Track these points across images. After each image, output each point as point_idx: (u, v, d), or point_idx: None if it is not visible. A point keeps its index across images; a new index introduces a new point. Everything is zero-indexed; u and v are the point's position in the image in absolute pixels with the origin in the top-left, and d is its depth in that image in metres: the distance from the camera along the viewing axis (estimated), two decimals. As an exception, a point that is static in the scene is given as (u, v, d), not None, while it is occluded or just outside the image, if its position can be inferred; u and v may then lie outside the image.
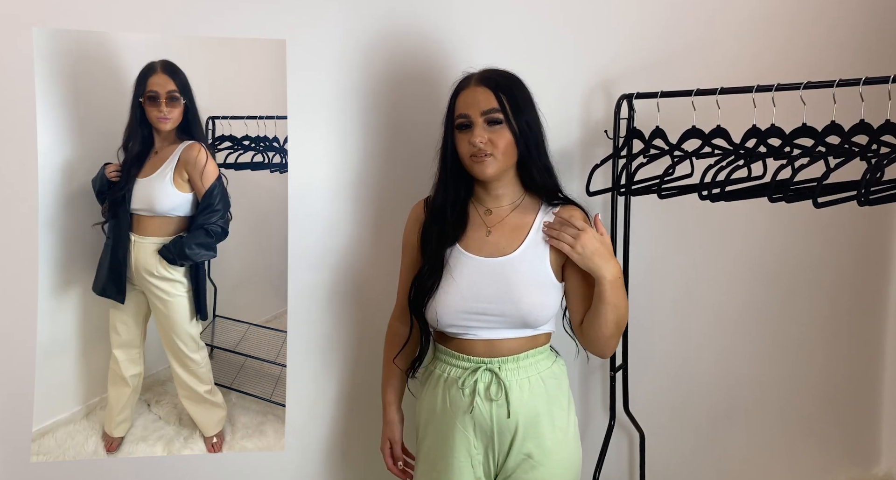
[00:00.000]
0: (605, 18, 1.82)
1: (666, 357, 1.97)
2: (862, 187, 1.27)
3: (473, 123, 1.38)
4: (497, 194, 1.47)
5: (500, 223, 1.45)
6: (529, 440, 1.42)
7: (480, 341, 1.43)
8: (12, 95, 1.62)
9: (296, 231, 1.78)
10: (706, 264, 1.94)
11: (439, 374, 1.47)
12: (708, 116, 1.57)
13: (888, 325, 2.00)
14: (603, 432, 1.90)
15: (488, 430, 1.42)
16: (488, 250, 1.43)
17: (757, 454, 2.02)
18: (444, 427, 1.45)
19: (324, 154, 1.78)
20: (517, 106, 1.39)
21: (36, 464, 1.73)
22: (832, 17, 1.85)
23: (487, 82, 1.40)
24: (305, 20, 1.72)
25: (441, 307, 1.42)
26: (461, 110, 1.40)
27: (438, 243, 1.44)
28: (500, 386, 1.41)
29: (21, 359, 1.70)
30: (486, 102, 1.38)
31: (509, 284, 1.39)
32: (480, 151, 1.37)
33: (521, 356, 1.43)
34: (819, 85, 1.39)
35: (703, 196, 1.49)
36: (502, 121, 1.37)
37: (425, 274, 1.44)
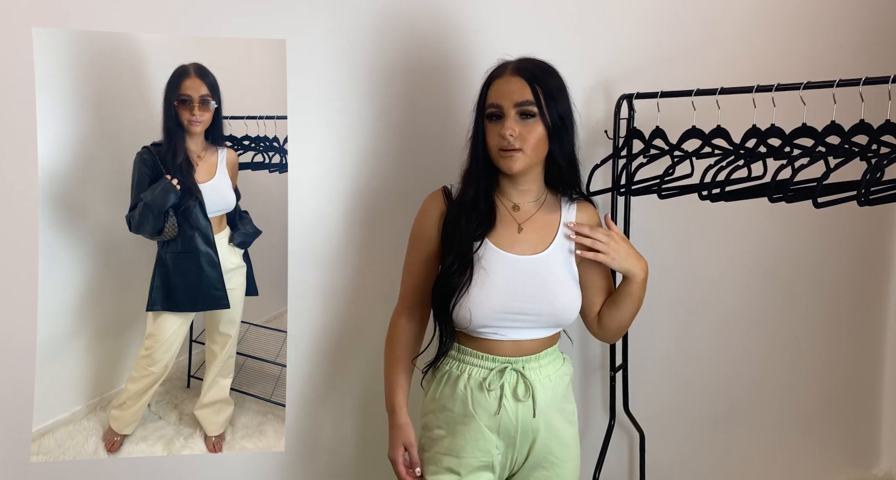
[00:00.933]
0: (605, 18, 1.82)
1: (666, 357, 1.97)
2: (862, 187, 1.27)
3: (505, 114, 1.33)
4: (524, 190, 1.43)
5: (529, 220, 1.42)
6: (550, 439, 1.40)
7: (508, 341, 1.39)
8: (12, 95, 1.62)
9: (296, 231, 1.78)
10: (706, 264, 1.94)
11: (458, 374, 1.41)
12: (708, 116, 1.57)
13: (888, 325, 2.00)
14: (603, 432, 1.90)
15: (512, 431, 1.38)
16: (521, 248, 1.39)
17: (757, 454, 2.02)
18: (463, 427, 1.39)
19: (324, 154, 1.78)
20: (552, 97, 1.34)
21: (36, 464, 1.73)
22: (832, 18, 1.85)
23: (523, 72, 1.34)
24: (305, 20, 1.72)
25: (477, 306, 1.35)
26: (494, 100, 1.35)
27: (467, 238, 1.37)
28: (527, 387, 1.38)
29: (21, 359, 1.69)
30: (521, 93, 1.33)
31: (545, 283, 1.37)
32: (510, 144, 1.32)
33: (542, 356, 1.41)
34: (819, 85, 1.39)
35: (703, 196, 1.49)
36: (535, 114, 1.33)
37: (454, 271, 1.37)
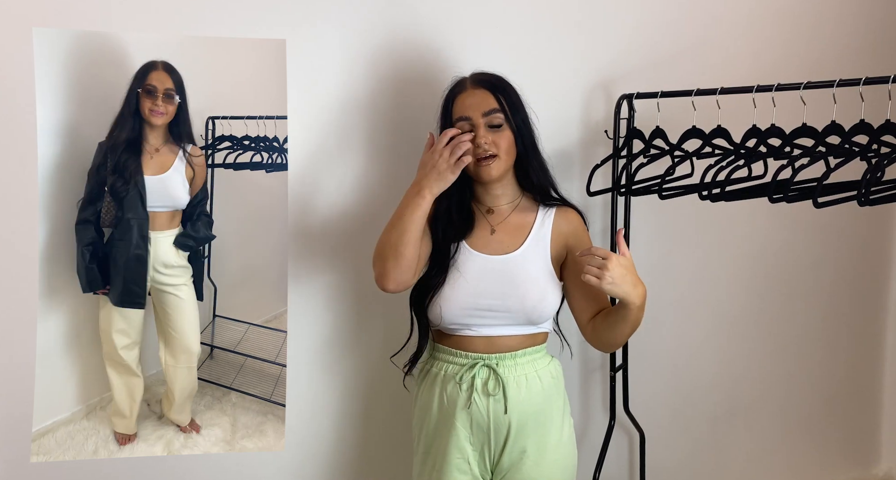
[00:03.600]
0: (605, 19, 1.82)
1: (666, 357, 1.97)
2: (862, 187, 1.27)
3: (475, 124, 1.39)
4: (496, 194, 1.49)
5: (503, 222, 1.47)
6: (524, 437, 1.43)
7: (480, 337, 1.44)
8: (12, 95, 1.62)
9: (296, 231, 1.78)
10: (706, 264, 1.94)
11: (436, 372, 1.48)
12: (708, 116, 1.57)
13: (888, 325, 2.01)
14: (603, 432, 1.90)
15: (485, 426, 1.43)
16: (493, 248, 1.45)
17: (757, 454, 2.02)
18: (440, 424, 1.46)
19: (324, 154, 1.78)
20: (514, 105, 1.42)
21: (36, 464, 1.73)
22: (832, 17, 1.85)
23: (484, 84, 1.42)
24: (305, 20, 1.72)
25: (446, 303, 1.42)
26: (462, 113, 1.40)
27: (444, 242, 1.45)
28: (497, 382, 1.42)
29: (21, 359, 1.69)
30: (487, 103, 1.39)
31: (514, 281, 1.41)
32: (485, 152, 1.38)
33: (519, 354, 1.44)
34: (819, 85, 1.39)
35: (703, 196, 1.49)
36: (503, 123, 1.40)
37: (432, 275, 1.44)
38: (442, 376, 1.46)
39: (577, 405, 1.96)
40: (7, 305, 1.69)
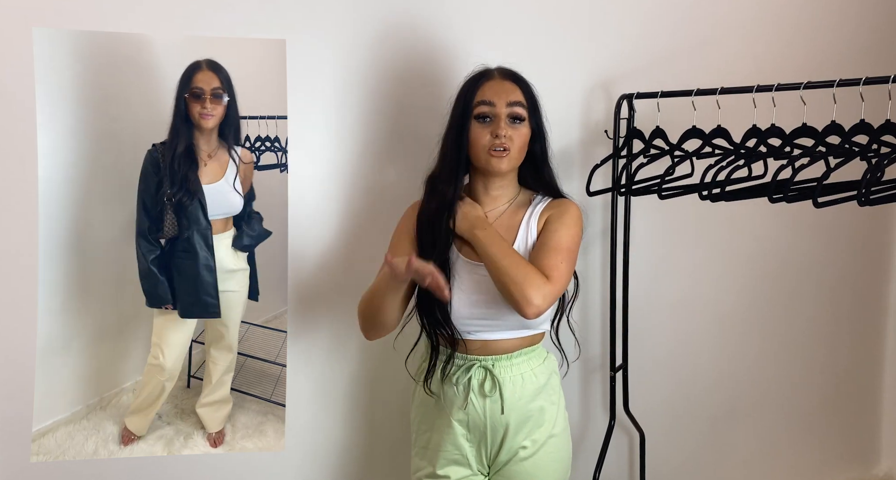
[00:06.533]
0: (605, 18, 1.82)
1: (666, 357, 1.97)
2: (862, 187, 1.27)
3: (497, 113, 1.39)
4: (495, 195, 1.48)
5: (495, 225, 1.45)
6: (521, 434, 1.43)
7: (476, 340, 1.43)
8: (12, 95, 1.62)
9: (296, 231, 1.78)
10: (706, 264, 1.94)
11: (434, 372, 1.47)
12: (708, 116, 1.57)
13: (888, 325, 2.01)
14: (603, 432, 1.90)
15: (481, 426, 1.43)
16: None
17: (757, 454, 2.02)
18: (437, 423, 1.46)
19: (324, 154, 1.78)
20: (534, 106, 1.44)
21: (36, 464, 1.73)
22: (832, 18, 1.85)
23: (511, 77, 1.44)
24: (305, 20, 1.72)
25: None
26: (487, 97, 1.39)
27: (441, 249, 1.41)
28: (494, 383, 1.42)
29: (21, 359, 1.69)
30: (514, 95, 1.40)
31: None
32: (502, 144, 1.38)
33: (515, 355, 1.44)
34: (819, 85, 1.39)
35: (703, 196, 1.49)
36: (524, 118, 1.41)
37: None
38: (439, 377, 1.46)
39: (577, 405, 1.96)
40: (7, 305, 1.69)
